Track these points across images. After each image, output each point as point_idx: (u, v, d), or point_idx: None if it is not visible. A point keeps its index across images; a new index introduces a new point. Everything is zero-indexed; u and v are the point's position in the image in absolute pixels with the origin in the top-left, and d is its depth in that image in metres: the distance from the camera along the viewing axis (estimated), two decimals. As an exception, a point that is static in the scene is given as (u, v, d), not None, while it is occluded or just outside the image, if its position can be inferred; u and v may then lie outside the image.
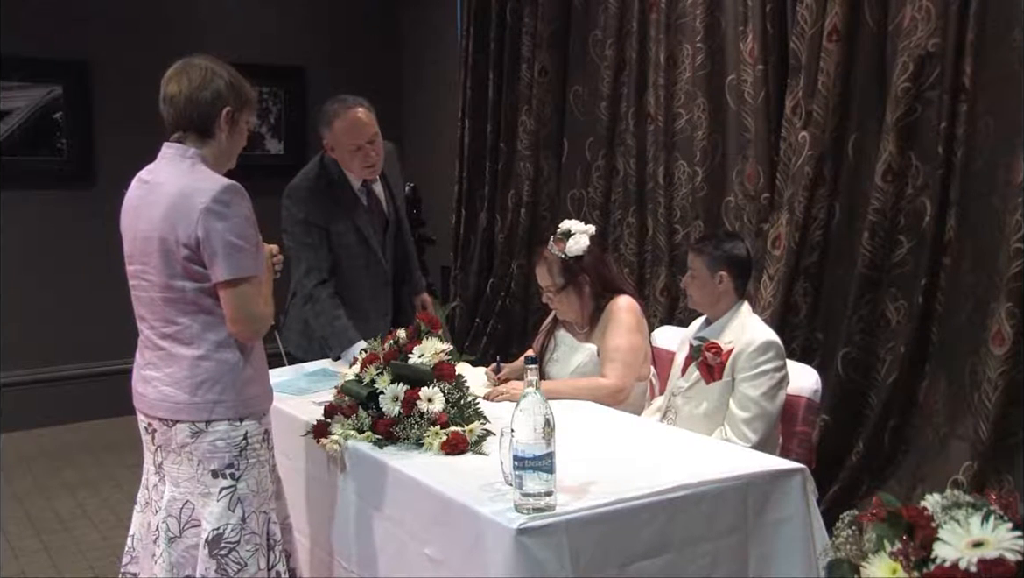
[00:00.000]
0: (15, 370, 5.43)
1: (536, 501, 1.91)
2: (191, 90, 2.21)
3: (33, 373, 5.50)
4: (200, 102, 2.22)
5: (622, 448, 2.41)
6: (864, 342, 3.49)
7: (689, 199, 4.24)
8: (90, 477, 4.70)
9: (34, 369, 5.50)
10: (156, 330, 2.26)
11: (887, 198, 3.36)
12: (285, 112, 6.19)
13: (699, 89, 4.14)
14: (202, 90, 2.22)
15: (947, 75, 3.18)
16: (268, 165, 5.83)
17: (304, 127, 6.08)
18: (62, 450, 5.10)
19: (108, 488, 4.53)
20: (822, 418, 3.45)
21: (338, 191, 3.29)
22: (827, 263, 3.64)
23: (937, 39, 3.20)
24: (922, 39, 3.23)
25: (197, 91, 2.21)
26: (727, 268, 2.79)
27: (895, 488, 3.31)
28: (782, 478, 2.21)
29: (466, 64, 5.52)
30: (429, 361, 2.45)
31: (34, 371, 5.50)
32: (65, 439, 5.29)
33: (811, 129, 3.56)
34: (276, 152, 6.19)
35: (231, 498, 2.24)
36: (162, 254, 2.19)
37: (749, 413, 2.68)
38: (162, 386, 2.24)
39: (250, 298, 2.19)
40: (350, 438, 2.41)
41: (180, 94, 2.22)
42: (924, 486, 3.16)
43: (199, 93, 2.21)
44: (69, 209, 5.49)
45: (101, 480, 4.64)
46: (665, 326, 3.67)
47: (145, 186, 2.27)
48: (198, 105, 2.22)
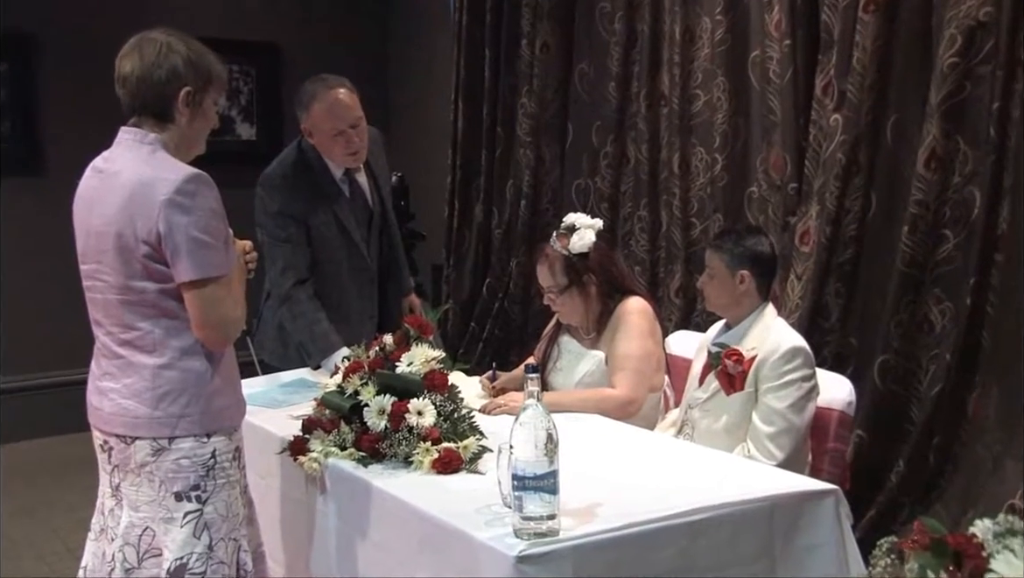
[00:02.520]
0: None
1: (538, 525, 1.91)
2: (144, 69, 2.21)
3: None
4: (154, 82, 2.21)
5: (633, 466, 2.41)
6: (904, 349, 3.49)
7: (707, 190, 4.25)
8: (36, 501, 4.70)
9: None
10: (113, 336, 2.26)
11: (931, 187, 3.36)
12: (257, 93, 6.19)
13: (719, 67, 4.14)
14: (156, 68, 2.21)
15: (1001, 48, 3.17)
16: (239, 152, 5.84)
17: (279, 110, 6.08)
18: (5, 472, 5.10)
19: (58, 514, 4.53)
20: (857, 434, 3.45)
21: (317, 181, 3.30)
22: (862, 261, 3.64)
23: (989, 7, 3.19)
24: (972, 8, 3.22)
25: (150, 69, 2.21)
26: (749, 266, 2.80)
27: (941, 513, 3.31)
28: (812, 500, 2.21)
29: (460, 40, 5.51)
30: (419, 370, 2.45)
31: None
32: (9, 460, 5.29)
33: (844, 111, 3.56)
34: (248, 137, 6.19)
35: (197, 523, 2.23)
36: (119, 251, 2.19)
37: (774, 427, 2.68)
38: (120, 398, 2.24)
39: (218, 300, 2.19)
40: (331, 456, 2.41)
41: (133, 73, 2.21)
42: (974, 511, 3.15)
43: (153, 72, 2.21)
44: (12, 200, 5.48)
45: (49, 505, 4.64)
46: (681, 331, 3.67)
47: (100, 175, 2.27)
48: (152, 85, 2.21)
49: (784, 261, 3.68)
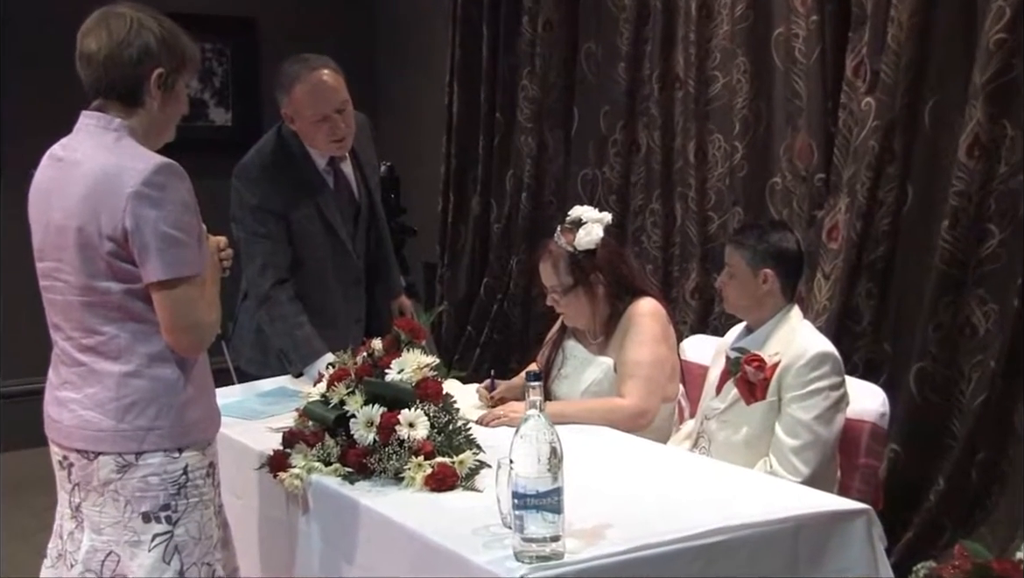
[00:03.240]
0: None
1: (540, 547, 1.92)
2: (112, 47, 2.21)
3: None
4: (124, 62, 2.21)
5: (644, 483, 2.42)
6: (944, 355, 3.49)
7: (726, 181, 4.25)
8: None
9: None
10: (74, 341, 2.26)
11: (973, 177, 3.36)
12: (232, 74, 6.20)
13: (739, 46, 4.14)
14: (126, 47, 2.21)
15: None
16: (213, 139, 5.83)
17: (257, 93, 6.07)
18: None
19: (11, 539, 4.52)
20: (891, 448, 3.45)
21: (299, 171, 3.30)
22: (897, 258, 3.64)
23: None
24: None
25: (120, 48, 2.21)
26: (773, 265, 2.80)
27: (986, 537, 3.31)
28: (841, 521, 2.22)
29: (455, 16, 5.51)
30: (410, 378, 2.46)
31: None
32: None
33: (878, 94, 3.56)
34: (222, 123, 6.20)
35: (166, 547, 2.23)
36: (80, 248, 2.19)
37: (799, 441, 2.69)
38: (81, 410, 2.24)
39: (190, 302, 2.20)
40: (314, 472, 2.42)
41: (99, 52, 2.21)
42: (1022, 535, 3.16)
43: (122, 51, 2.21)
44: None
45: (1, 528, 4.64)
46: (696, 335, 3.68)
47: (59, 164, 2.27)
48: (121, 65, 2.21)
49: (810, 259, 3.68)
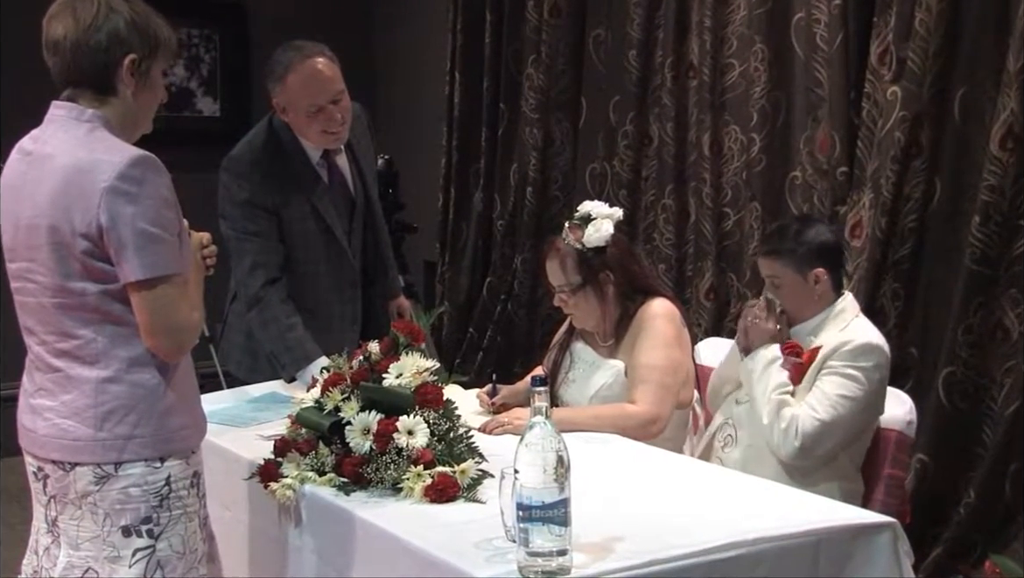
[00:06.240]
0: None
1: (546, 562, 1.92)
2: (80, 33, 2.20)
3: None
4: (92, 48, 2.20)
5: (656, 495, 2.42)
6: (974, 360, 3.49)
7: (743, 175, 4.25)
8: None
9: None
10: (48, 346, 2.25)
11: (1006, 171, 3.36)
12: (221, 61, 6.21)
13: (757, 32, 4.15)
14: (94, 32, 2.20)
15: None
16: (199, 130, 5.85)
17: (247, 81, 6.07)
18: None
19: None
20: (918, 458, 3.46)
21: (291, 165, 3.30)
22: (924, 257, 3.65)
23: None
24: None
25: (88, 34, 2.19)
26: (820, 262, 2.81)
27: (1018, 552, 3.29)
28: (866, 535, 2.22)
29: (456, 1, 5.52)
30: (409, 383, 2.45)
31: None
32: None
33: (904, 83, 3.57)
34: (210, 113, 6.21)
35: (148, 562, 2.22)
36: (53, 248, 2.18)
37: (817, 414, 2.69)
38: (57, 418, 2.23)
39: (171, 303, 2.18)
40: (307, 482, 2.42)
41: (66, 38, 2.20)
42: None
43: (90, 36, 2.20)
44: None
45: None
46: (712, 338, 3.68)
47: (28, 159, 2.26)
48: (90, 52, 2.20)
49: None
